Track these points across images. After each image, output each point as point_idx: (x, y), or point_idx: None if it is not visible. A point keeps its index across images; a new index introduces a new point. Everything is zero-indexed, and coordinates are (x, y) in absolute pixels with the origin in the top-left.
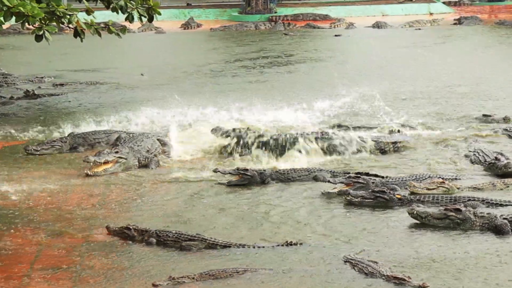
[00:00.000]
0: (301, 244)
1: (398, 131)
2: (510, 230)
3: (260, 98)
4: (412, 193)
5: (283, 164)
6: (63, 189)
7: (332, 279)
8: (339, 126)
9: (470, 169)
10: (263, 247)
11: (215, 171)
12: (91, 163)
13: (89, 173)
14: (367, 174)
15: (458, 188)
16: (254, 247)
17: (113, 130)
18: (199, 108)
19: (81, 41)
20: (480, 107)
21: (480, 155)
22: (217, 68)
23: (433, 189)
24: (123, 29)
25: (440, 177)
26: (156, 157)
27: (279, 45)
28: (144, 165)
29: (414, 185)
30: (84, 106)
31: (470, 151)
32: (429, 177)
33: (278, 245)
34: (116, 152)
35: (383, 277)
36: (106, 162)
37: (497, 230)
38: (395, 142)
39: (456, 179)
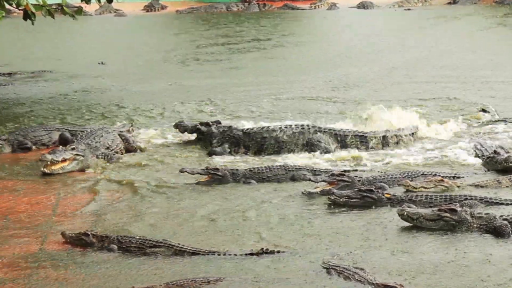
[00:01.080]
0: (278, 252)
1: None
2: (510, 232)
3: (235, 86)
4: (406, 191)
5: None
6: (12, 192)
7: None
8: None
9: (466, 164)
10: (236, 254)
11: (181, 171)
12: (48, 162)
13: (46, 171)
14: (355, 170)
15: (458, 187)
16: (226, 254)
17: (54, 127)
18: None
19: (32, 24)
20: (477, 98)
21: (478, 149)
22: (185, 55)
23: (431, 188)
24: (79, 11)
25: (436, 174)
26: (117, 154)
27: (254, 29)
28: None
29: (410, 184)
30: (33, 99)
31: (474, 145)
32: (423, 174)
33: (253, 253)
34: (73, 149)
35: (371, 286)
36: (63, 160)
37: (497, 232)
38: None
39: (455, 176)
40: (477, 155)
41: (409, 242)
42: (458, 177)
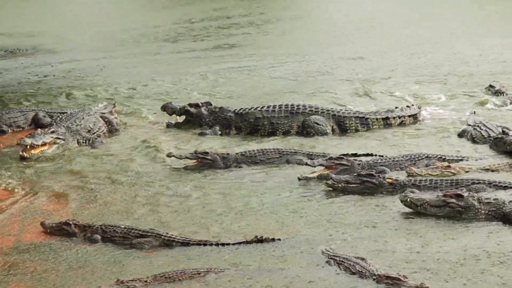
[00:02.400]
0: (273, 239)
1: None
2: None
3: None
4: (408, 175)
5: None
6: None
7: (313, 280)
8: None
9: (470, 146)
10: (229, 244)
11: (169, 155)
12: (27, 146)
13: (25, 155)
14: (354, 154)
15: (467, 172)
16: (218, 245)
17: (30, 108)
18: None
19: None
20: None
21: (482, 130)
22: (171, 32)
23: (437, 174)
24: None
25: (441, 157)
26: (100, 137)
27: (245, 2)
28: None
29: (415, 171)
30: (8, 79)
31: (470, 125)
32: (427, 157)
33: (247, 242)
34: (52, 132)
35: (373, 277)
36: (43, 144)
37: (506, 218)
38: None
39: (462, 159)
40: (481, 136)
41: (413, 230)
42: (464, 160)
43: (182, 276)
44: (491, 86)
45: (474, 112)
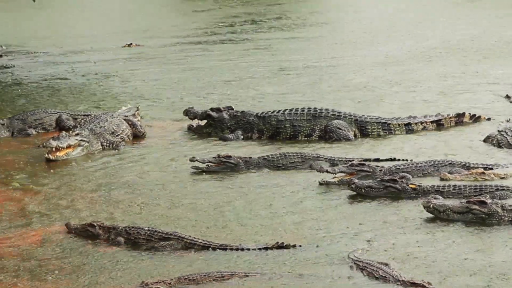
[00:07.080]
0: (294, 246)
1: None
2: None
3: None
4: (442, 180)
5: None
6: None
7: (336, 285)
8: None
9: (495, 152)
10: (249, 249)
11: (192, 160)
12: (53, 148)
13: (51, 157)
14: (377, 160)
15: (502, 178)
16: (238, 249)
17: (55, 111)
18: None
19: (33, 0)
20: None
21: (508, 136)
22: (195, 36)
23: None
24: None
25: (464, 164)
26: (124, 141)
27: (276, 5)
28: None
29: (449, 177)
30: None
31: (499, 131)
32: (450, 163)
33: (267, 248)
34: (77, 135)
35: (397, 283)
36: (68, 147)
37: None
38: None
39: (488, 167)
40: (507, 143)
41: (436, 236)
42: (490, 167)
43: (206, 279)
44: (507, 96)
45: (509, 120)
